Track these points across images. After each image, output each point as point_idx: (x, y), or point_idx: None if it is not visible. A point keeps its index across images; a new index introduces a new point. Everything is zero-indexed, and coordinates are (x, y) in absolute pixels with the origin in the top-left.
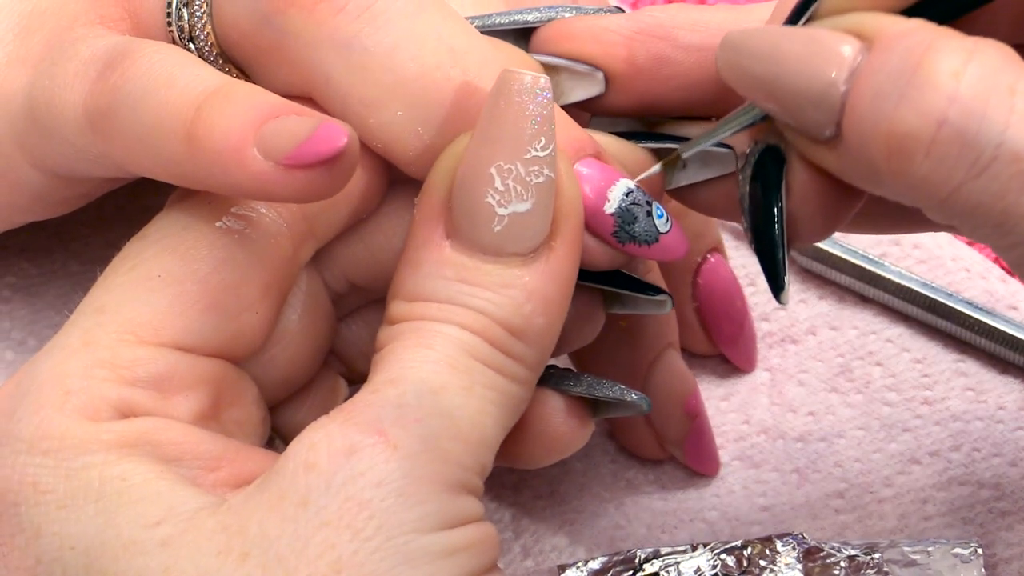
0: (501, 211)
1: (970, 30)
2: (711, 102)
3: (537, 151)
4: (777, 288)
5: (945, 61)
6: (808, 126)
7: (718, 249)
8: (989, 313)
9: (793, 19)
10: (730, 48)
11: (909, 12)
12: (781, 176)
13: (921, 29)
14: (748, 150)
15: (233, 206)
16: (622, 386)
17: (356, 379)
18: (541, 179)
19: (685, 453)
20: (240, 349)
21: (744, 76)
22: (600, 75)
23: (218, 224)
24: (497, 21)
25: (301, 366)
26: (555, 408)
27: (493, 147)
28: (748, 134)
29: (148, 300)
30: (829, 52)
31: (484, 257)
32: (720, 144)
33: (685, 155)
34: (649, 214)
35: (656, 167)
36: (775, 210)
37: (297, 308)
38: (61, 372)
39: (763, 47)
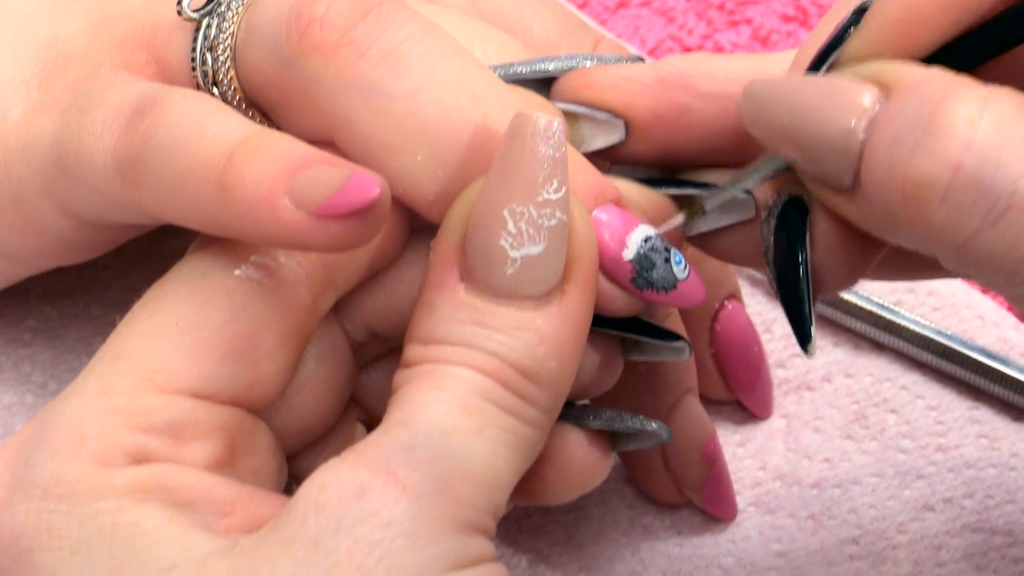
0: (514, 254)
1: (987, 78)
2: (732, 151)
3: (549, 194)
4: (804, 339)
5: (961, 108)
6: (828, 175)
7: (735, 296)
8: (1003, 361)
9: (814, 67)
10: (751, 97)
11: (929, 60)
12: (805, 227)
13: (938, 77)
14: (772, 201)
15: (253, 255)
16: (641, 417)
17: (376, 426)
18: (553, 222)
19: (703, 497)
20: (257, 398)
21: (765, 125)
22: (621, 123)
23: (237, 272)
24: (519, 71)
25: (320, 415)
26: (576, 442)
27: (506, 190)
28: (771, 184)
29: (165, 348)
30: (848, 101)
31: (498, 300)
32: (740, 189)
33: (708, 205)
34: (667, 260)
35: (679, 218)
36: (800, 261)
37: (317, 358)
38: (77, 418)
39: (784, 96)
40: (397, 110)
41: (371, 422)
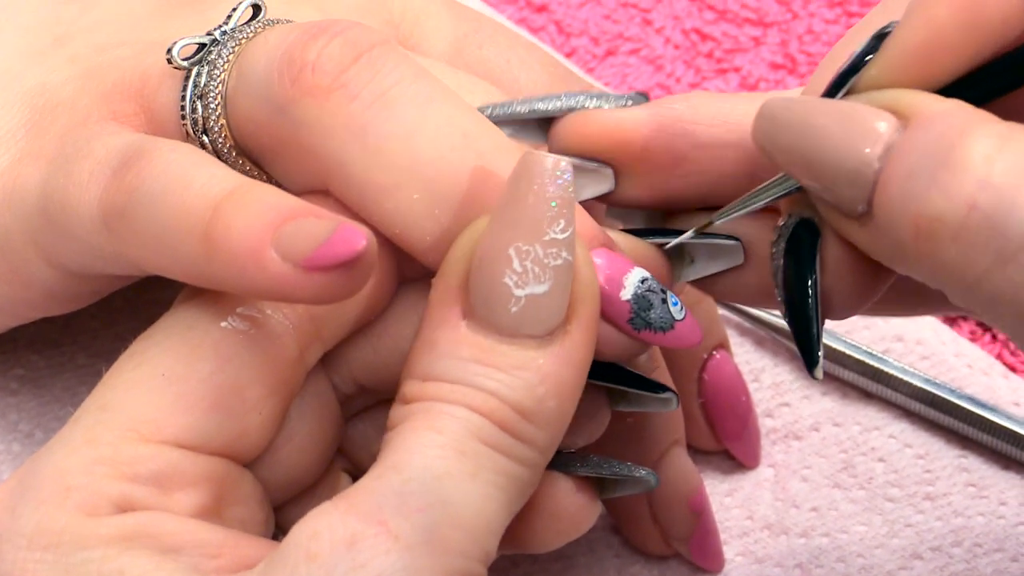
0: (518, 292)
1: (1007, 111)
2: (728, 197)
3: (556, 233)
4: (811, 362)
5: (979, 145)
6: (840, 201)
7: (724, 345)
8: (991, 409)
9: (831, 92)
10: (766, 118)
11: (947, 91)
12: (815, 250)
13: (957, 111)
14: (782, 222)
15: (239, 306)
16: (629, 463)
17: (361, 476)
18: (559, 262)
19: (690, 550)
20: (244, 449)
21: (779, 147)
22: (609, 172)
23: (223, 324)
24: (517, 110)
25: (307, 467)
26: (563, 489)
27: (513, 228)
28: (782, 204)
29: (151, 398)
30: (865, 128)
31: (500, 338)
32: (728, 236)
33: (719, 220)
34: (664, 301)
35: (689, 232)
36: (809, 284)
37: (303, 410)
38: (63, 468)
39: (799, 119)
40: (391, 150)
41: (357, 473)
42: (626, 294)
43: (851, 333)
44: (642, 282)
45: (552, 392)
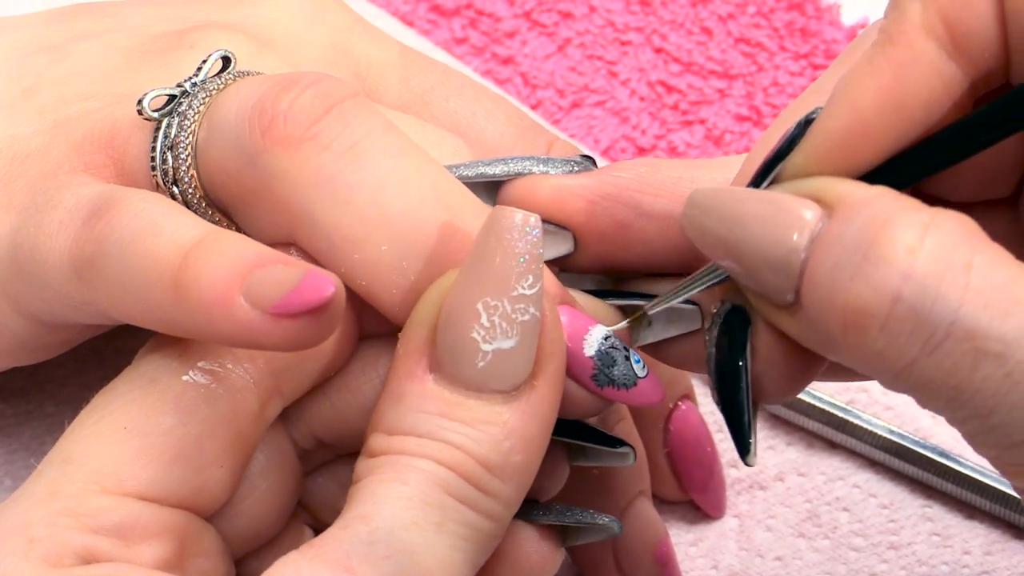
0: (486, 347)
1: (937, 189)
2: (675, 265)
3: (524, 289)
4: (743, 451)
5: (902, 235)
6: (768, 290)
7: (689, 396)
8: (955, 459)
9: (758, 180)
10: (694, 206)
11: (873, 175)
12: (746, 337)
13: (880, 198)
14: (715, 309)
15: (201, 360)
16: (592, 511)
17: (323, 530)
18: (527, 317)
19: None
20: (205, 502)
21: (707, 235)
22: (570, 234)
23: (185, 378)
24: (463, 173)
25: (267, 521)
26: (526, 537)
27: (481, 283)
28: (714, 293)
29: (113, 451)
30: (790, 217)
31: (466, 392)
32: (687, 301)
33: (651, 312)
34: (627, 358)
35: (623, 323)
36: (740, 371)
37: (264, 464)
38: (26, 521)
39: (726, 207)
40: (360, 202)
41: (318, 526)
42: (589, 350)
43: (815, 384)
44: (605, 339)
45: (518, 447)
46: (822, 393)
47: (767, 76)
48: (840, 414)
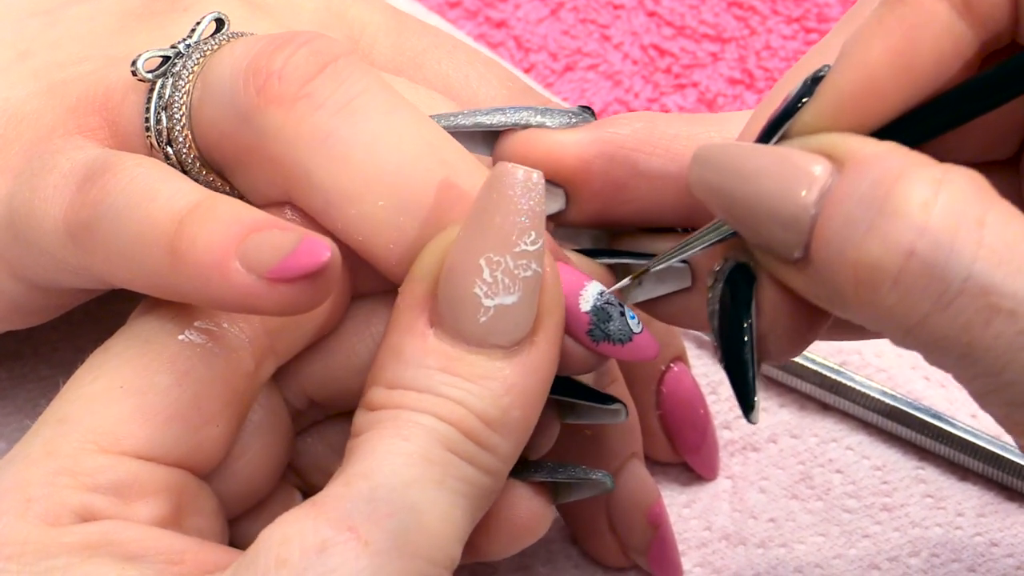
0: (487, 302)
1: (940, 149)
2: (670, 221)
3: (527, 245)
4: (747, 407)
5: (915, 191)
6: (777, 246)
7: (681, 358)
8: (948, 420)
9: (765, 137)
10: (701, 163)
11: (882, 133)
12: (751, 295)
13: (892, 154)
14: (718, 267)
15: (196, 320)
16: (583, 467)
17: (312, 492)
18: (529, 273)
19: (648, 561)
20: (201, 461)
21: (714, 192)
22: (561, 192)
23: (180, 338)
24: (461, 122)
25: (260, 480)
26: (518, 494)
27: (484, 238)
28: (718, 249)
29: (109, 410)
30: (800, 173)
31: (467, 347)
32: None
33: (654, 270)
34: (623, 314)
35: (626, 280)
36: (745, 329)
37: (257, 423)
38: (23, 481)
39: (734, 163)
40: (355, 158)
41: (306, 488)
42: (585, 306)
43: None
44: (600, 295)
45: (517, 402)
46: (815, 355)
47: (760, 40)
48: (833, 376)
